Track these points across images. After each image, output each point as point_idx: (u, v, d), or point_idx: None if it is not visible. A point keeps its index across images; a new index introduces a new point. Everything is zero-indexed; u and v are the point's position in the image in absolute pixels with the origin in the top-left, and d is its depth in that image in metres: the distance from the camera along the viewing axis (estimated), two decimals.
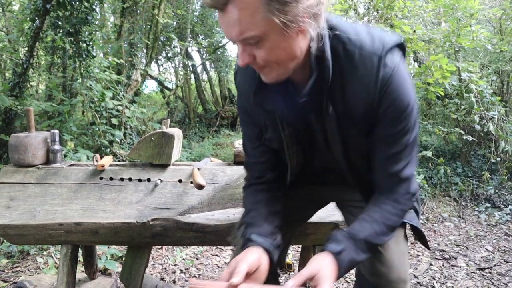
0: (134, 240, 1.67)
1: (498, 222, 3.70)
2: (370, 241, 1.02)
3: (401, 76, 0.97)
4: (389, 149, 1.03)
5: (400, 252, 1.15)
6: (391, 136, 1.01)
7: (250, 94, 1.06)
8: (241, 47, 0.90)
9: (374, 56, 0.95)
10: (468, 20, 4.38)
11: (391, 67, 0.95)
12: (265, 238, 1.06)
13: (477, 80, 3.99)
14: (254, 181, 1.23)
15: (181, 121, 8.83)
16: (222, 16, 0.88)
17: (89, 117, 4.29)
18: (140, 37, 5.77)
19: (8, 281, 2.30)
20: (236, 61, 1.12)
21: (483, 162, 4.90)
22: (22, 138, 1.75)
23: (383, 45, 0.96)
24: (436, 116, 5.51)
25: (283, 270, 2.55)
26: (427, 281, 2.48)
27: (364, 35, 0.98)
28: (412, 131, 1.02)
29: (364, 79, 0.97)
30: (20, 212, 1.63)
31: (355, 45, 0.97)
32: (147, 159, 1.79)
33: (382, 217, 1.04)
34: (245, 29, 0.86)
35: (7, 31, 5.87)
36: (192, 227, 1.62)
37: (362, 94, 0.98)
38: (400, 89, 0.97)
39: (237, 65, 1.18)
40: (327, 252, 0.98)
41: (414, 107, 1.00)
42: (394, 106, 0.98)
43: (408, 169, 1.05)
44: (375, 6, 4.94)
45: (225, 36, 0.93)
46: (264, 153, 1.20)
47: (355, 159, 1.11)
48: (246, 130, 1.24)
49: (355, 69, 0.97)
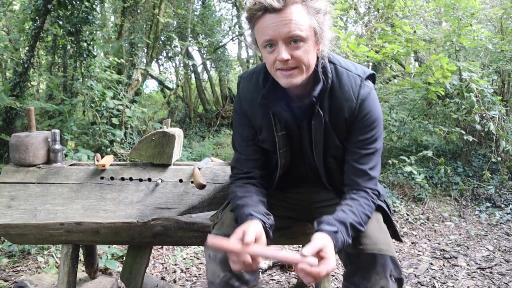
0: (135, 239, 1.67)
1: (498, 222, 3.70)
2: (355, 226, 1.15)
3: (374, 96, 1.27)
4: (361, 151, 1.26)
5: (379, 228, 1.28)
6: (363, 140, 1.26)
7: (253, 99, 1.30)
8: (284, 45, 1.11)
9: (358, 78, 1.25)
10: (469, 20, 4.37)
11: (368, 87, 1.26)
12: (263, 215, 1.19)
13: (478, 80, 3.98)
14: (243, 175, 1.38)
15: (182, 121, 8.83)
16: (274, 16, 1.09)
17: (89, 116, 4.29)
18: (140, 37, 5.78)
19: (9, 280, 2.30)
20: (242, 73, 1.42)
21: (484, 161, 4.90)
22: (23, 137, 1.75)
23: (364, 72, 1.27)
24: (437, 116, 5.50)
25: (284, 269, 2.55)
26: (427, 281, 2.48)
27: (350, 64, 1.28)
28: (379, 140, 1.28)
29: (347, 94, 1.24)
30: (21, 212, 1.63)
31: (343, 67, 1.26)
32: (147, 158, 1.79)
33: (360, 207, 1.20)
34: (295, 28, 1.09)
35: (8, 31, 5.88)
36: (193, 226, 1.62)
37: (345, 105, 1.24)
38: (373, 104, 1.26)
39: (243, 74, 1.41)
40: (325, 232, 1.08)
41: (381, 122, 1.29)
42: (368, 116, 1.24)
43: (375, 171, 1.28)
44: (375, 5, 4.94)
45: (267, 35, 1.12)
46: (255, 152, 1.38)
47: (330, 162, 1.33)
48: (240, 131, 1.40)
49: (342, 85, 1.24)
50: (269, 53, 1.15)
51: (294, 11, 1.09)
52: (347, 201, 1.22)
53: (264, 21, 1.11)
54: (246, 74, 1.39)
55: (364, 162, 1.26)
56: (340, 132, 1.27)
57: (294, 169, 1.42)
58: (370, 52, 3.79)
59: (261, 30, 1.13)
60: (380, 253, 1.17)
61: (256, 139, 1.37)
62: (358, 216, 1.17)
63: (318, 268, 0.98)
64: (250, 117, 1.35)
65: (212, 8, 9.36)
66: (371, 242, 1.20)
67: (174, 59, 9.04)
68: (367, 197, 1.24)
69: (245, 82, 1.37)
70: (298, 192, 1.50)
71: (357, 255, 1.19)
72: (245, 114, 1.36)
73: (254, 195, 1.29)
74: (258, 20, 1.13)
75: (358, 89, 1.23)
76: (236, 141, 1.42)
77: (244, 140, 1.39)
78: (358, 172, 1.26)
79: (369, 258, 1.17)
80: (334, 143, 1.28)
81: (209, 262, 1.25)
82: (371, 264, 1.16)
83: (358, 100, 1.23)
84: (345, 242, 1.10)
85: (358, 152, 1.26)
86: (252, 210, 1.19)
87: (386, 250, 1.18)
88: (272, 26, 1.10)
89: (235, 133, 1.43)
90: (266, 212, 1.22)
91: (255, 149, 1.38)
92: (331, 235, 1.07)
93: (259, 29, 1.14)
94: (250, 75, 1.36)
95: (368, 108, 1.24)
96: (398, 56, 4.30)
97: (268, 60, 1.17)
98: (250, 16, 1.15)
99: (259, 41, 1.16)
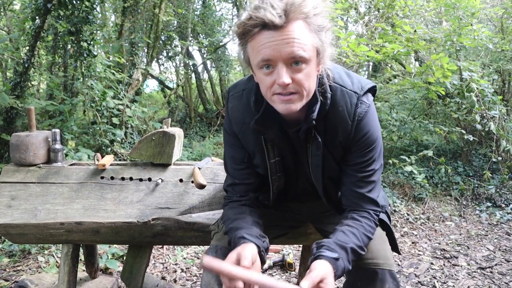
0: (135, 239, 1.67)
1: (499, 221, 3.70)
2: (356, 251, 1.09)
3: (373, 114, 1.16)
4: (358, 175, 1.18)
5: (378, 240, 1.22)
6: (361, 163, 1.17)
7: (244, 121, 1.20)
8: (285, 67, 0.98)
9: (354, 95, 1.12)
10: (469, 19, 4.37)
11: (366, 104, 1.13)
12: (257, 238, 1.12)
13: (478, 79, 3.98)
14: (236, 198, 1.30)
15: (182, 121, 8.83)
16: (274, 34, 0.96)
17: (90, 116, 4.29)
18: (141, 36, 5.77)
19: (10, 280, 2.31)
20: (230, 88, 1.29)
21: (484, 161, 4.90)
22: (23, 137, 1.75)
23: (361, 87, 1.13)
24: (437, 116, 5.50)
25: (284, 269, 2.55)
26: (428, 280, 2.47)
27: (345, 77, 1.15)
28: (377, 160, 1.19)
29: (342, 114, 1.12)
30: (21, 211, 1.63)
31: (337, 84, 1.13)
32: (148, 158, 1.79)
33: (361, 228, 1.14)
34: (298, 48, 0.96)
35: (8, 31, 5.87)
36: (193, 226, 1.62)
37: (339, 127, 1.13)
38: (371, 124, 1.15)
39: (232, 90, 1.27)
40: (326, 259, 1.02)
41: (380, 141, 1.19)
42: (366, 137, 1.14)
43: (374, 193, 1.20)
44: (376, 5, 4.93)
45: (265, 55, 0.98)
46: (249, 175, 1.29)
47: (327, 183, 1.25)
48: (232, 152, 1.30)
49: (335, 105, 1.12)
50: (265, 75, 1.01)
51: (296, 29, 0.96)
52: (348, 221, 1.16)
53: (261, 38, 0.97)
54: (235, 91, 1.25)
55: (363, 185, 1.18)
56: (336, 154, 1.19)
57: (292, 189, 1.36)
58: (370, 52, 3.79)
59: (257, 49, 0.99)
60: (378, 267, 1.15)
61: (250, 162, 1.28)
62: (359, 240, 1.11)
63: None
64: (242, 140, 1.25)
65: (212, 7, 9.37)
66: (370, 257, 1.16)
67: (174, 58, 9.04)
68: (369, 218, 1.17)
69: (234, 100, 1.24)
70: (297, 204, 1.45)
71: (355, 269, 1.15)
72: (236, 135, 1.26)
73: (248, 216, 1.21)
74: (253, 37, 0.99)
75: (353, 109, 1.12)
76: (228, 164, 1.33)
77: (236, 163, 1.29)
78: (358, 196, 1.19)
79: (368, 273, 1.15)
80: (331, 165, 1.21)
81: (206, 272, 1.21)
82: (370, 279, 1.14)
83: (354, 121, 1.12)
84: (345, 268, 1.05)
85: (355, 175, 1.18)
86: (245, 233, 1.11)
87: (384, 264, 1.16)
88: (272, 45, 0.96)
89: (227, 155, 1.33)
90: (261, 234, 1.15)
91: (249, 172, 1.29)
92: (331, 263, 1.02)
93: (255, 47, 1.00)
94: (240, 94, 1.23)
95: (365, 128, 1.14)
96: (398, 56, 4.29)
97: (264, 83, 1.03)
98: (243, 32, 1.00)
99: (254, 61, 1.02)
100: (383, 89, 5.54)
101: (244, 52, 1.06)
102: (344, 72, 1.18)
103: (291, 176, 1.30)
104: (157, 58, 8.84)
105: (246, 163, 1.28)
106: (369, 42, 4.17)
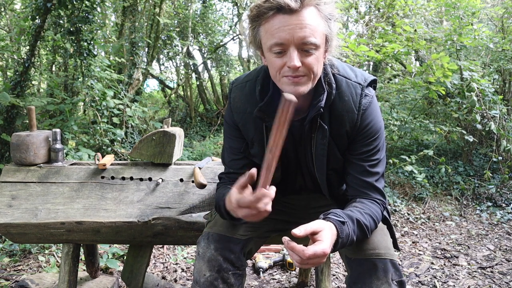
0: (136, 239, 1.67)
1: (499, 221, 3.70)
2: (362, 225, 1.10)
3: (375, 105, 1.21)
4: (364, 164, 1.20)
5: (379, 231, 1.23)
6: (366, 152, 1.20)
7: (245, 110, 1.23)
8: (296, 51, 1.02)
9: (358, 86, 1.17)
10: (469, 19, 4.37)
11: (370, 96, 1.19)
12: None
13: (479, 79, 3.97)
14: (229, 185, 1.26)
15: (182, 120, 8.84)
16: (288, 18, 1.00)
17: (90, 116, 4.29)
18: (141, 36, 5.77)
19: (10, 279, 2.31)
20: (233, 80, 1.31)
21: (485, 161, 4.90)
22: (23, 137, 1.75)
23: (364, 79, 1.19)
24: (438, 115, 5.49)
25: (284, 269, 2.55)
26: (428, 280, 2.47)
27: (348, 70, 1.21)
28: (381, 150, 1.22)
29: (348, 104, 1.17)
30: (22, 211, 1.63)
31: (342, 75, 1.18)
32: (148, 158, 1.79)
33: (367, 209, 1.15)
34: (310, 34, 1.01)
35: (9, 30, 5.88)
36: (194, 226, 1.62)
37: (346, 117, 1.17)
38: (375, 114, 1.20)
39: (236, 82, 1.30)
40: (330, 221, 1.03)
41: (383, 131, 1.23)
42: (370, 126, 1.19)
43: (380, 182, 1.22)
44: (376, 4, 4.93)
45: (278, 38, 1.01)
46: (244, 166, 1.29)
47: (330, 175, 1.27)
48: (231, 143, 1.33)
49: (342, 95, 1.17)
50: (276, 57, 1.05)
51: (310, 15, 1.01)
52: (356, 204, 1.17)
53: (275, 22, 1.01)
54: (238, 82, 1.29)
55: (369, 174, 1.20)
56: (341, 144, 1.21)
57: (290, 181, 1.37)
58: (370, 52, 3.79)
59: (270, 32, 1.02)
60: (380, 257, 1.15)
61: (247, 152, 1.30)
62: (366, 219, 1.12)
63: (303, 247, 0.93)
64: (242, 129, 1.28)
65: (212, 7, 9.37)
66: (371, 247, 1.17)
67: (174, 58, 9.04)
68: (377, 205, 1.19)
69: (237, 91, 1.27)
70: (295, 198, 1.46)
71: (357, 261, 1.17)
72: (236, 125, 1.29)
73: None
74: (267, 20, 1.02)
75: (359, 99, 1.16)
76: (226, 155, 1.35)
77: (234, 153, 1.32)
78: (364, 185, 1.21)
79: (370, 264, 1.15)
80: (335, 156, 1.23)
81: (197, 259, 1.23)
82: (372, 270, 1.14)
83: (360, 110, 1.16)
84: (350, 236, 1.05)
85: (361, 164, 1.20)
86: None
87: (386, 254, 1.16)
88: (286, 29, 1.00)
89: (225, 146, 1.36)
90: None
91: (245, 163, 1.30)
92: (336, 224, 1.02)
93: (268, 30, 1.03)
94: (244, 84, 1.26)
95: (370, 118, 1.18)
96: (398, 56, 4.29)
97: (274, 64, 1.06)
98: (257, 14, 1.03)
99: (266, 43, 1.06)
100: (384, 89, 5.54)
101: (256, 35, 1.08)
102: (346, 66, 1.22)
103: (289, 168, 1.31)
104: (157, 58, 8.84)
105: (242, 153, 1.30)
106: (370, 41, 4.17)
